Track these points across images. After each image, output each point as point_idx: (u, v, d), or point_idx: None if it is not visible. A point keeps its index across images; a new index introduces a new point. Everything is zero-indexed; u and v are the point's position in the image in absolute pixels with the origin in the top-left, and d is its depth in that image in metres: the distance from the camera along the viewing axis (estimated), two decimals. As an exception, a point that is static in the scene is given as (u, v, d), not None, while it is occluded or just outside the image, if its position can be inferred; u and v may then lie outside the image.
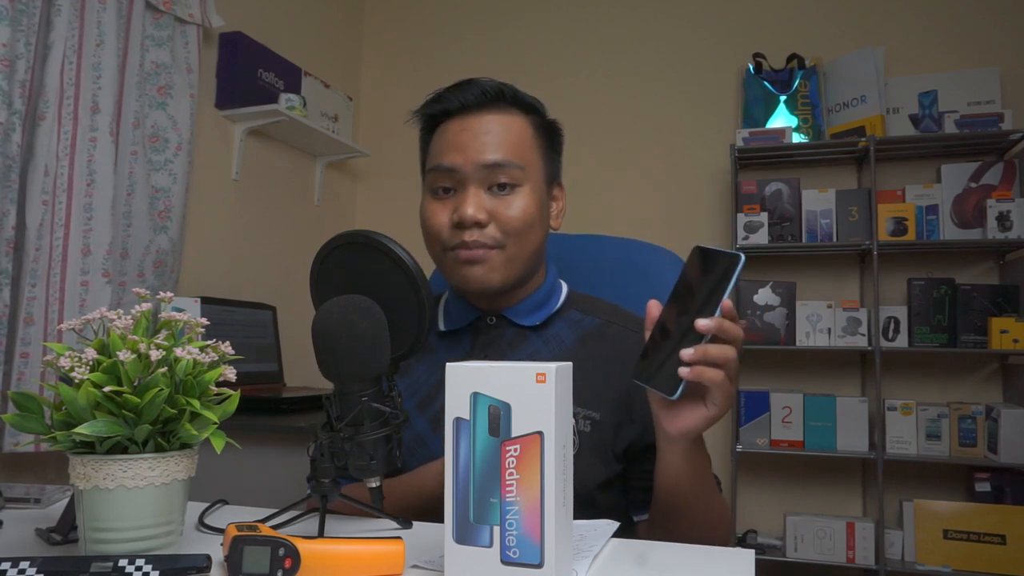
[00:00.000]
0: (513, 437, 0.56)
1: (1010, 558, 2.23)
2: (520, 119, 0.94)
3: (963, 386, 2.52)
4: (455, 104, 0.93)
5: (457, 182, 0.91)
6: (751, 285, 2.54)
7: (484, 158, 0.89)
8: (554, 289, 1.01)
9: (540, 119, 0.97)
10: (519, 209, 0.90)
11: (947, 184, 2.45)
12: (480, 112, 0.92)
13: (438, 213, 0.92)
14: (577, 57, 2.99)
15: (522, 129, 0.93)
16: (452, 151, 0.91)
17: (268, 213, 2.60)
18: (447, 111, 0.94)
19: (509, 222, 0.90)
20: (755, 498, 2.63)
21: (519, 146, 0.92)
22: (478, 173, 0.90)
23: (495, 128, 0.91)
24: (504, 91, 0.93)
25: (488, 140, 0.90)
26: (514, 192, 0.91)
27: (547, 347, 0.96)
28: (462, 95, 0.92)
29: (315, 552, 0.59)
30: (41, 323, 1.68)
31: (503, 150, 0.90)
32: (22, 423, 0.63)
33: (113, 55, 1.83)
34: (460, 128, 0.92)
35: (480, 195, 0.90)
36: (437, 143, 0.94)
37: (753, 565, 0.63)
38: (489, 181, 0.90)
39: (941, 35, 2.62)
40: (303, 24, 2.82)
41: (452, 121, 0.93)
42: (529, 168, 0.92)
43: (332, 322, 0.69)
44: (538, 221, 0.93)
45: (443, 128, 0.94)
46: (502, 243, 0.90)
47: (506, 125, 0.92)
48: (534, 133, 0.95)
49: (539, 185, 0.94)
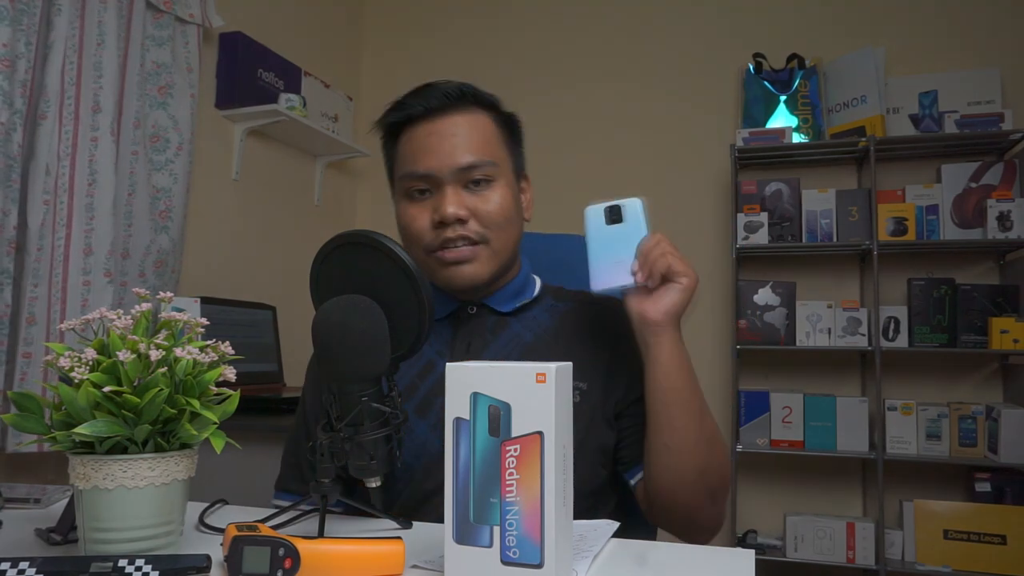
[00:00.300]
0: (513, 437, 0.56)
1: (1010, 558, 2.23)
2: (483, 116, 0.95)
3: (963, 386, 2.52)
4: (419, 109, 0.93)
5: (434, 184, 0.92)
6: (751, 285, 2.54)
7: (458, 161, 0.91)
8: (529, 280, 1.03)
9: (500, 114, 0.98)
10: (496, 203, 0.92)
11: (947, 184, 2.45)
12: (445, 114, 0.93)
13: (418, 216, 0.93)
14: (577, 57, 2.99)
15: (487, 126, 0.95)
16: (425, 155, 0.92)
17: (268, 213, 2.60)
18: (411, 117, 0.94)
19: (489, 216, 0.92)
20: (755, 498, 2.63)
21: (488, 143, 0.94)
22: (453, 175, 0.91)
23: (462, 129, 0.92)
24: (464, 91, 0.94)
25: (458, 142, 0.91)
26: (490, 187, 0.93)
27: (528, 330, 0.97)
28: (425, 100, 0.93)
29: (315, 552, 0.59)
30: (43, 323, 1.68)
31: (474, 150, 0.92)
32: (22, 423, 0.63)
33: (114, 55, 1.83)
34: (428, 132, 0.93)
35: (458, 192, 0.91)
36: (407, 149, 0.95)
37: (753, 565, 0.64)
38: (465, 179, 0.92)
39: (941, 35, 2.62)
40: (303, 24, 2.82)
41: (418, 126, 0.94)
42: (500, 163, 0.94)
43: (332, 322, 0.69)
44: (515, 213, 0.96)
45: (409, 134, 0.95)
46: (486, 237, 0.92)
47: (472, 124, 0.93)
48: (498, 129, 0.97)
49: (511, 178, 0.96)
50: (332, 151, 2.83)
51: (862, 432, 2.41)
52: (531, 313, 0.99)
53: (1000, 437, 2.24)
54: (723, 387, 2.67)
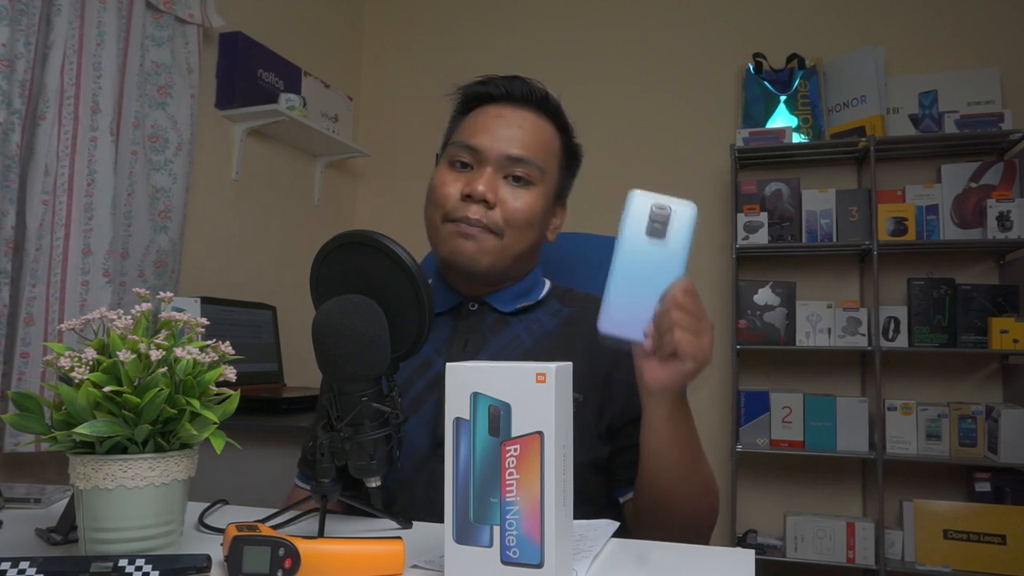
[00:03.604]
0: (513, 437, 0.56)
1: (1010, 558, 2.23)
2: (552, 129, 0.98)
3: (963, 386, 2.52)
4: (500, 91, 0.96)
5: (478, 161, 0.94)
6: (751, 285, 2.54)
7: (510, 150, 0.93)
8: (537, 282, 1.03)
9: (568, 139, 1.01)
10: (526, 203, 0.93)
11: (947, 184, 2.45)
12: (520, 107, 0.96)
13: (450, 183, 0.94)
14: (577, 57, 2.99)
15: (552, 138, 0.97)
16: (483, 133, 0.94)
17: (268, 213, 2.60)
18: (491, 95, 0.97)
19: (514, 212, 0.92)
20: (755, 498, 2.63)
21: (544, 150, 0.95)
22: (500, 161, 0.93)
23: (528, 125, 0.95)
24: (549, 98, 0.97)
25: (519, 134, 0.93)
26: (527, 188, 0.94)
27: (528, 332, 0.97)
28: (509, 85, 0.96)
29: (315, 552, 0.59)
30: (42, 323, 1.68)
31: (530, 148, 0.94)
32: (22, 423, 0.63)
33: (113, 55, 1.83)
34: (496, 114, 0.95)
35: (496, 178, 0.93)
36: (470, 122, 0.97)
37: (753, 565, 0.63)
38: (507, 170, 0.93)
39: (941, 35, 2.62)
40: (303, 24, 2.82)
41: (491, 107, 0.96)
42: (546, 173, 0.96)
43: (332, 322, 0.69)
44: (539, 222, 0.96)
45: (481, 110, 0.97)
46: (501, 230, 0.92)
47: (539, 127, 0.96)
48: (560, 147, 0.99)
49: (549, 192, 0.97)
50: (332, 151, 2.83)
51: (862, 432, 2.41)
52: (534, 315, 0.99)
53: (1000, 437, 2.24)
54: (723, 387, 2.67)
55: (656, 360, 0.74)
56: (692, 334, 0.71)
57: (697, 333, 0.72)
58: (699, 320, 0.72)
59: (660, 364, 0.73)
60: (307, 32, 2.83)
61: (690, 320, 0.71)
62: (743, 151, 2.58)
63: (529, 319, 0.98)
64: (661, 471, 0.82)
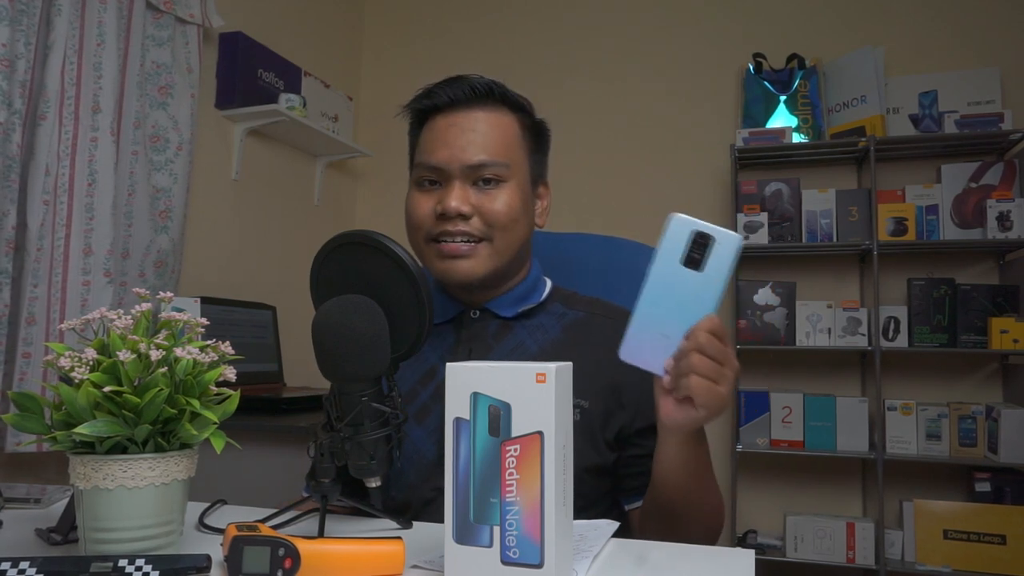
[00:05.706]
0: (513, 437, 0.56)
1: (1010, 558, 2.23)
2: (508, 117, 0.95)
3: (963, 386, 2.52)
4: (444, 99, 0.93)
5: (443, 177, 0.92)
6: (751, 285, 2.54)
7: (469, 158, 0.91)
8: (538, 283, 1.01)
9: (528, 118, 0.98)
10: (503, 203, 0.91)
11: (947, 184, 2.45)
12: (469, 108, 0.93)
13: (422, 204, 0.93)
14: (577, 57, 2.99)
15: (509, 127, 0.94)
16: (440, 148, 0.92)
17: (268, 213, 2.60)
18: (436, 106, 0.94)
19: (494, 215, 0.91)
20: (755, 498, 2.63)
21: (505, 144, 0.93)
22: (463, 171, 0.91)
23: (482, 126, 0.92)
24: (493, 88, 0.94)
25: (474, 138, 0.91)
26: (499, 187, 0.92)
27: (532, 338, 0.96)
28: (451, 90, 0.93)
29: (315, 552, 0.59)
30: (43, 323, 1.68)
31: (488, 149, 0.91)
32: (22, 423, 0.63)
33: (114, 55, 1.83)
34: (448, 124, 0.93)
35: (465, 189, 0.91)
36: (426, 137, 0.95)
37: (753, 565, 0.63)
38: (474, 177, 0.92)
39: (941, 35, 2.62)
40: (303, 24, 2.82)
41: (441, 117, 0.94)
42: (514, 166, 0.93)
43: (332, 322, 0.69)
44: (522, 216, 0.94)
45: (431, 123, 0.95)
46: (488, 235, 0.91)
47: (493, 123, 0.93)
48: (521, 132, 0.96)
49: (524, 182, 0.95)
50: (332, 151, 2.83)
51: (862, 432, 2.41)
52: (537, 320, 0.98)
53: (1000, 437, 2.24)
54: (723, 387, 2.67)
55: (673, 399, 0.71)
56: (710, 382, 0.67)
57: (717, 380, 0.68)
58: (720, 366, 0.68)
59: (676, 405, 0.71)
60: (307, 32, 2.83)
61: (709, 367, 0.67)
62: (743, 151, 2.58)
63: (532, 324, 0.97)
64: (669, 493, 0.82)
